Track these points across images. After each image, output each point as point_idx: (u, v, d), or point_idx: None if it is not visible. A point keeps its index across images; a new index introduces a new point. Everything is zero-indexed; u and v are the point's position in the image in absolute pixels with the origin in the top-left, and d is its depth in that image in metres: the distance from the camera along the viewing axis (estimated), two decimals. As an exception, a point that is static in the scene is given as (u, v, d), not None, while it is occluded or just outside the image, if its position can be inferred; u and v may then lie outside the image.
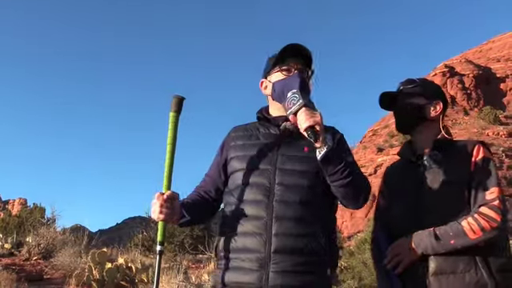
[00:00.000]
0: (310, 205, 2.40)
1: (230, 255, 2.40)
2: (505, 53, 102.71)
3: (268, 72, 2.57)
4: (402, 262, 2.55)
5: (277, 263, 2.32)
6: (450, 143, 2.69)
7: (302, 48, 2.47)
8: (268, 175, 2.42)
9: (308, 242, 2.37)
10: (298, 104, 2.21)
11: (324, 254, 2.40)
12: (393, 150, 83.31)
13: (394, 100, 2.82)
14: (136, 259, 11.45)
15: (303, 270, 2.35)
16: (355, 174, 2.36)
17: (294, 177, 2.41)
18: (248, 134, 2.56)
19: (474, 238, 2.40)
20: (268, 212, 2.37)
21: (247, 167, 2.46)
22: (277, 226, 2.34)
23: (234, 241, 2.39)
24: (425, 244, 2.48)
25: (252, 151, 2.48)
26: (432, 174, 2.61)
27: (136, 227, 28.46)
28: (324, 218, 2.45)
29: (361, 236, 47.15)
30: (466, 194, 2.51)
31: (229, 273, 2.39)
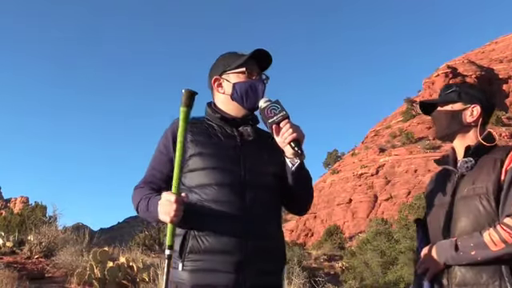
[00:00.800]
0: (276, 207, 2.53)
1: (199, 256, 2.32)
2: (507, 54, 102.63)
3: (225, 71, 2.56)
4: (429, 270, 2.54)
5: (254, 264, 2.34)
6: (486, 149, 2.58)
7: (267, 55, 2.53)
8: (238, 176, 2.40)
9: (277, 243, 2.50)
10: (281, 115, 2.31)
11: (285, 254, 2.55)
12: (395, 151, 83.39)
13: (435, 107, 2.78)
14: (137, 258, 11.46)
15: (275, 271, 2.46)
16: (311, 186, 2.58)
17: (263, 179, 2.47)
18: (206, 132, 2.49)
19: (495, 251, 2.32)
20: (243, 213, 2.35)
21: (213, 166, 2.40)
22: (253, 228, 2.36)
23: (204, 241, 2.32)
24: (446, 255, 2.45)
25: (216, 150, 2.44)
26: (464, 182, 2.55)
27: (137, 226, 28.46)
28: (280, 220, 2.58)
29: (362, 236, 46.79)
30: (493, 203, 2.42)
31: (199, 274, 2.31)
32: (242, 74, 2.53)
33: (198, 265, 2.31)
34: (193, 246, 2.33)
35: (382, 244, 35.95)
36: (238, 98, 2.51)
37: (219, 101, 2.60)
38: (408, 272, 30.81)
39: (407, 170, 77.96)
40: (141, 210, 2.44)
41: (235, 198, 2.37)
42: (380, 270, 33.93)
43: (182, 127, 2.30)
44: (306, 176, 2.49)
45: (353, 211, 77.90)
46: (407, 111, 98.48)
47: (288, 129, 2.28)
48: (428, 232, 2.69)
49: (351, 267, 37.58)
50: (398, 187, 75.85)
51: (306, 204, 2.61)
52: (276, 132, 2.32)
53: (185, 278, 2.32)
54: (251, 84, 2.51)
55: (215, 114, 2.54)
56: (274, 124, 2.31)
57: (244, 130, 2.51)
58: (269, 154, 2.50)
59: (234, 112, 2.55)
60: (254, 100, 2.49)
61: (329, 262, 45.71)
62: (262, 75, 2.57)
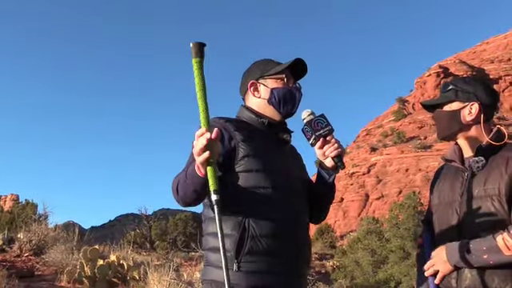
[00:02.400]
0: (308, 213, 2.62)
1: (256, 258, 2.32)
2: (498, 54, 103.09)
3: (262, 76, 2.60)
4: (439, 272, 2.49)
5: (300, 268, 2.46)
6: (497, 148, 2.50)
7: (304, 65, 2.59)
8: (287, 180, 2.48)
9: (310, 249, 2.60)
10: (328, 129, 2.43)
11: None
12: (386, 150, 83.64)
13: (436, 106, 2.74)
14: (128, 256, 11.44)
15: (307, 275, 2.61)
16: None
17: (302, 185, 2.58)
18: (254, 134, 2.50)
19: (508, 255, 2.27)
20: (294, 217, 2.45)
21: (268, 169, 2.43)
22: (300, 232, 2.47)
23: (262, 243, 2.33)
24: (457, 257, 2.40)
25: (267, 153, 2.48)
26: (474, 182, 2.48)
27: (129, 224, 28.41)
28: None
29: (353, 235, 46.87)
30: (506, 205, 2.36)
31: (255, 276, 2.31)
32: (280, 80, 2.58)
33: (254, 266, 2.32)
34: (252, 247, 2.32)
35: (372, 243, 36.03)
36: (276, 103, 2.56)
37: (254, 105, 2.62)
38: (398, 271, 30.92)
39: (398, 169, 78.19)
40: (180, 187, 2.35)
41: (286, 201, 2.42)
42: (371, 268, 34.02)
43: (199, 77, 2.20)
44: (335, 189, 2.64)
45: (344, 210, 78.07)
46: (399, 111, 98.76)
47: (334, 143, 2.43)
48: (433, 232, 2.66)
49: (342, 266, 37.65)
50: (390, 186, 76.08)
51: (325, 215, 2.76)
52: (321, 145, 2.43)
53: (239, 279, 2.30)
54: (290, 90, 2.58)
55: (260, 119, 2.56)
56: (320, 137, 2.42)
57: (285, 137, 2.59)
58: (300, 162, 2.71)
59: (272, 115, 2.59)
60: (291, 106, 2.57)
61: (320, 260, 45.78)
62: (297, 83, 2.64)
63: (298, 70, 2.62)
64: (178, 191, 2.38)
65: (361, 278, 32.54)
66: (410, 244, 32.35)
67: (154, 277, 8.94)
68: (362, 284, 27.83)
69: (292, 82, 2.61)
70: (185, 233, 39.85)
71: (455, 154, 2.67)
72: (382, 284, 29.39)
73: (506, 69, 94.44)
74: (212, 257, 2.41)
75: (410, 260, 30.72)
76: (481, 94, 2.60)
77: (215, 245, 2.33)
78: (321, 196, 2.62)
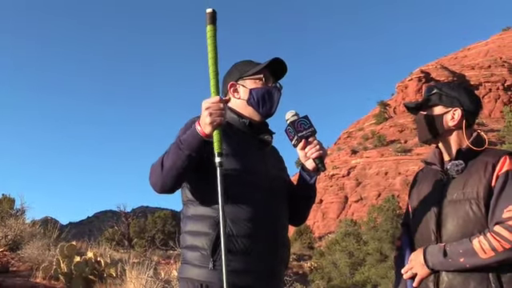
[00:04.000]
0: (288, 215, 2.61)
1: (232, 257, 2.28)
2: (479, 61, 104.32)
3: (241, 77, 2.60)
4: (417, 275, 2.50)
5: (278, 269, 2.47)
6: (476, 153, 2.52)
7: (283, 64, 2.59)
8: (268, 181, 2.47)
9: (288, 253, 2.58)
10: (310, 130, 2.42)
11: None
12: (366, 153, 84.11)
13: (419, 109, 2.72)
14: (105, 253, 11.39)
15: (284, 279, 2.60)
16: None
17: (282, 186, 2.58)
18: (234, 134, 2.49)
19: (484, 258, 2.28)
20: (273, 218, 2.44)
21: (247, 169, 2.43)
22: (279, 233, 2.46)
23: (239, 243, 2.32)
24: (434, 260, 2.41)
25: (247, 153, 2.47)
26: (453, 185, 2.50)
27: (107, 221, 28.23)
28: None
29: (332, 237, 46.97)
30: (483, 209, 2.37)
31: (231, 275, 2.24)
32: (259, 80, 2.57)
33: (231, 265, 2.25)
34: (228, 246, 2.27)
35: (350, 245, 36.23)
36: (255, 103, 2.55)
37: (234, 106, 2.61)
38: (375, 273, 31.11)
39: (378, 172, 78.72)
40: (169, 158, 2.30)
41: (265, 201, 2.41)
42: (348, 270, 34.20)
43: (213, 44, 2.29)
44: (315, 190, 2.63)
45: (323, 211, 78.38)
46: (380, 114, 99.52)
47: (316, 145, 2.40)
48: (412, 234, 2.66)
49: (320, 267, 37.81)
50: (369, 189, 76.57)
51: (306, 217, 2.74)
52: (303, 146, 2.42)
53: (214, 278, 2.30)
54: (268, 90, 2.56)
55: (241, 119, 2.55)
56: (303, 138, 2.41)
57: (266, 138, 2.58)
58: (281, 163, 2.69)
59: (251, 116, 2.58)
60: (270, 106, 2.56)
61: (298, 261, 45.86)
62: (277, 83, 2.62)
63: (278, 69, 2.61)
64: (164, 164, 2.30)
65: (338, 280, 32.70)
66: (388, 247, 32.58)
67: (131, 275, 8.88)
68: (339, 285, 27.99)
69: (271, 82, 2.59)
70: (163, 231, 39.70)
71: (435, 158, 2.68)
72: (359, 286, 29.55)
73: (486, 75, 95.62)
74: (189, 255, 2.40)
75: (387, 262, 30.95)
76: (464, 100, 2.61)
77: (192, 243, 2.36)
78: (301, 197, 2.61)
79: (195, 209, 2.43)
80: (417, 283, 2.50)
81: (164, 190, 2.37)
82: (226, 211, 2.27)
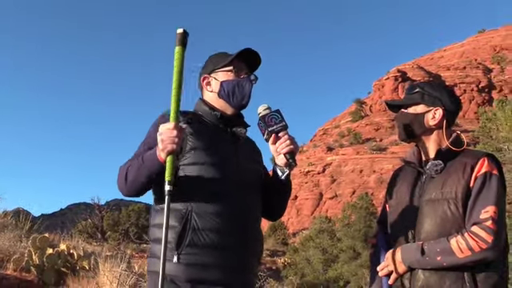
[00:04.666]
0: (260, 209, 2.59)
1: (198, 251, 2.30)
2: (454, 62, 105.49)
3: (214, 69, 2.60)
4: (393, 273, 2.52)
5: (247, 263, 2.42)
6: (455, 153, 2.55)
7: (255, 54, 2.58)
8: (236, 174, 2.44)
9: (262, 244, 2.57)
10: (281, 125, 2.39)
11: (261, 259, 2.62)
12: (342, 150, 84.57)
13: (400, 107, 2.73)
14: (79, 246, 11.30)
15: (257, 269, 2.56)
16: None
17: (254, 180, 2.55)
18: (204, 127, 2.49)
19: (461, 258, 2.33)
20: (241, 211, 2.40)
21: (214, 162, 2.41)
22: (249, 227, 2.43)
23: (204, 236, 2.30)
24: (411, 258, 2.44)
25: (216, 146, 2.45)
26: (432, 185, 2.52)
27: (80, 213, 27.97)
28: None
29: (306, 233, 47.05)
30: (461, 209, 2.41)
31: (195, 269, 2.29)
32: (230, 72, 2.57)
33: (195, 259, 2.29)
34: (192, 240, 2.30)
35: (324, 242, 36.44)
36: (225, 96, 2.55)
37: (208, 99, 2.61)
38: (348, 270, 31.34)
39: (353, 169, 79.20)
40: (131, 172, 2.35)
41: (233, 195, 2.39)
42: (321, 267, 34.40)
43: (179, 67, 2.27)
44: (290, 185, 2.60)
45: (298, 208, 78.66)
46: (356, 112, 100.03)
47: (286, 140, 2.37)
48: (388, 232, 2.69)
49: (293, 263, 37.96)
50: (344, 186, 77.01)
51: (282, 211, 2.73)
52: (273, 140, 2.40)
53: (179, 271, 2.29)
54: (238, 82, 2.55)
55: (213, 112, 2.55)
56: (273, 133, 2.39)
57: (239, 131, 2.56)
58: (256, 156, 2.66)
59: (223, 109, 2.57)
60: (241, 98, 2.54)
61: (271, 257, 46.00)
62: (250, 74, 2.60)
63: (252, 61, 2.60)
64: (128, 177, 2.36)
65: (311, 276, 32.87)
66: (361, 244, 32.82)
67: (104, 267, 8.83)
68: (312, 282, 28.14)
69: (244, 74, 2.58)
70: (137, 224, 39.45)
71: (414, 157, 2.71)
72: (332, 282, 29.76)
73: (461, 76, 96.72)
74: (155, 248, 2.39)
75: (359, 260, 31.19)
76: (446, 100, 2.63)
77: (159, 236, 2.32)
78: (276, 192, 2.59)
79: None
80: (392, 281, 2.53)
81: (130, 196, 2.45)
82: (193, 205, 2.30)
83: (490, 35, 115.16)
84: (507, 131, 14.95)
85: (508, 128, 14.87)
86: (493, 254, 2.33)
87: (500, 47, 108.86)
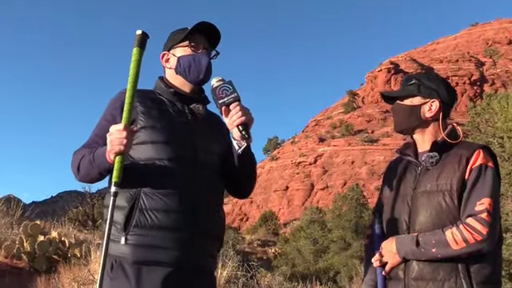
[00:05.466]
0: (221, 188, 2.51)
1: (145, 231, 2.24)
2: (447, 54, 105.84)
3: (173, 45, 2.54)
4: (388, 264, 2.52)
5: (198, 244, 2.32)
6: (451, 145, 2.54)
7: (213, 28, 2.50)
8: (189, 153, 2.37)
9: (220, 224, 2.48)
10: (232, 97, 2.28)
11: (223, 239, 2.53)
12: (334, 141, 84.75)
13: (395, 98, 2.70)
14: (70, 233, 11.27)
15: (214, 252, 2.46)
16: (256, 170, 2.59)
17: (211, 158, 2.45)
18: (158, 105, 2.43)
19: (456, 249, 2.32)
20: (192, 191, 2.31)
21: (165, 140, 2.34)
22: (201, 206, 2.33)
23: (151, 216, 2.24)
24: (406, 249, 2.43)
25: (167, 124, 2.38)
26: (427, 177, 2.51)
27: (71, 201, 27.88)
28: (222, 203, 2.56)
29: (297, 224, 47.22)
30: (456, 201, 2.40)
31: (143, 249, 2.23)
32: (187, 47, 2.49)
33: (143, 240, 2.23)
34: (139, 220, 2.24)
35: (315, 232, 36.62)
36: (182, 72, 2.48)
37: (168, 76, 2.55)
38: (338, 261, 31.53)
39: (345, 161, 79.47)
40: (83, 167, 2.32)
41: (185, 174, 2.32)
42: (312, 257, 34.59)
43: (135, 69, 2.23)
44: (251, 160, 2.50)
45: (289, 198, 78.90)
46: (349, 103, 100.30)
47: (237, 112, 2.27)
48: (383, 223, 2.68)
49: (284, 253, 38.13)
50: (335, 177, 77.28)
51: (249, 188, 2.62)
52: (225, 113, 2.30)
53: (126, 253, 2.23)
54: (194, 57, 2.47)
55: (168, 89, 2.49)
56: (223, 105, 2.29)
57: (195, 108, 2.48)
58: (217, 133, 2.51)
59: (180, 86, 2.51)
60: (197, 73, 2.47)
61: (262, 247, 46.18)
62: (209, 50, 2.53)
63: (213, 36, 2.52)
64: (80, 169, 2.33)
65: (301, 266, 33.03)
66: (351, 235, 33.02)
67: (95, 255, 8.82)
68: (303, 272, 28.28)
69: (201, 48, 2.50)
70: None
71: (409, 149, 2.70)
72: (322, 273, 29.92)
73: (453, 69, 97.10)
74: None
75: (350, 251, 31.39)
76: (442, 92, 2.62)
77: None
78: (238, 168, 2.46)
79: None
80: (387, 271, 2.53)
81: (85, 183, 2.42)
82: (143, 185, 2.25)
83: (483, 28, 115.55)
84: (502, 122, 15.05)
85: (503, 119, 14.97)
86: (488, 246, 2.34)
87: (493, 40, 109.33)
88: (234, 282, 9.02)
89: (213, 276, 2.49)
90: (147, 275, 2.21)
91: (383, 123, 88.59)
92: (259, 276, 10.77)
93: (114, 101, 2.45)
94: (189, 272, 2.29)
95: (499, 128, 15.27)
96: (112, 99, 2.47)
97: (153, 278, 2.21)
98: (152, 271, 2.22)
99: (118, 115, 2.37)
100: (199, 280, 2.34)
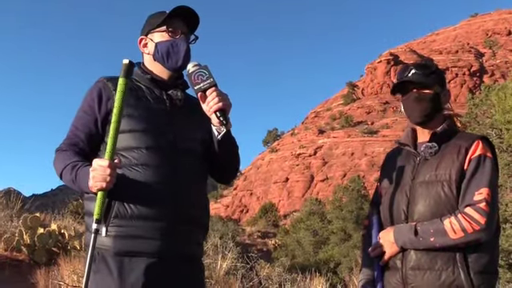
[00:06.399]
0: (203, 174, 2.47)
1: (125, 222, 2.21)
2: (447, 46, 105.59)
3: (150, 30, 2.47)
4: (385, 253, 2.52)
5: (180, 232, 2.28)
6: (450, 136, 2.55)
7: (191, 12, 2.43)
8: (168, 140, 2.32)
9: (203, 211, 2.44)
10: (208, 82, 2.24)
11: (208, 224, 2.50)
12: (334, 133, 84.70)
13: (405, 86, 2.63)
14: (70, 226, 11.26)
15: (199, 240, 2.42)
16: (238, 154, 2.54)
17: (191, 144, 2.40)
18: (135, 93, 2.36)
19: (454, 238, 2.33)
20: (172, 179, 2.27)
21: (142, 129, 2.29)
22: (182, 194, 2.29)
23: (131, 206, 2.21)
24: (404, 239, 2.44)
25: (145, 112, 2.33)
26: (426, 167, 2.52)
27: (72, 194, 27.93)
28: (206, 188, 2.52)
29: (297, 215, 47.21)
30: (455, 191, 2.41)
31: (124, 241, 2.20)
32: (164, 32, 2.42)
33: (123, 231, 2.20)
34: (118, 210, 2.21)
35: (315, 224, 36.67)
36: (160, 58, 2.42)
37: (146, 62, 2.49)
38: (339, 252, 31.58)
39: (344, 152, 79.44)
40: (65, 179, 2.28)
41: (164, 162, 2.28)
42: (312, 248, 34.65)
43: (120, 100, 2.17)
44: (233, 145, 2.45)
45: (289, 190, 78.91)
46: (348, 95, 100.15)
47: (214, 97, 2.23)
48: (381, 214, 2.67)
49: (284, 245, 38.21)
50: (335, 169, 77.26)
51: (232, 173, 2.59)
52: (202, 99, 2.27)
53: (108, 244, 2.20)
54: (172, 43, 2.41)
55: (145, 75, 2.43)
56: (200, 91, 2.25)
57: (173, 94, 2.42)
58: (198, 119, 2.41)
59: (158, 73, 2.45)
60: (175, 59, 2.41)
61: (262, 238, 46.28)
62: (188, 34, 2.47)
63: (191, 20, 2.46)
64: (62, 178, 2.30)
65: (301, 258, 33.09)
66: (352, 226, 33.06)
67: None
68: (303, 263, 28.33)
69: (180, 33, 2.43)
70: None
71: (408, 139, 2.69)
72: (322, 264, 29.97)
73: (453, 60, 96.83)
74: (87, 221, 2.30)
75: (350, 242, 31.42)
76: (445, 82, 2.67)
77: (88, 208, 2.28)
78: (219, 154, 2.41)
79: None
80: (384, 261, 2.54)
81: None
82: (122, 175, 2.20)
83: (483, 19, 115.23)
84: (500, 114, 15.04)
85: (501, 111, 14.95)
86: (486, 236, 2.34)
87: (492, 31, 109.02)
88: (234, 273, 9.05)
89: (200, 263, 2.46)
90: (130, 267, 2.19)
91: (383, 115, 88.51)
92: (258, 267, 10.80)
93: (92, 91, 2.40)
94: (173, 261, 2.26)
95: (497, 120, 15.25)
96: (89, 89, 2.42)
97: (136, 270, 2.19)
98: (134, 262, 2.20)
99: (95, 105, 2.35)
100: (185, 268, 2.31)
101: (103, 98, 2.35)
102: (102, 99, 2.34)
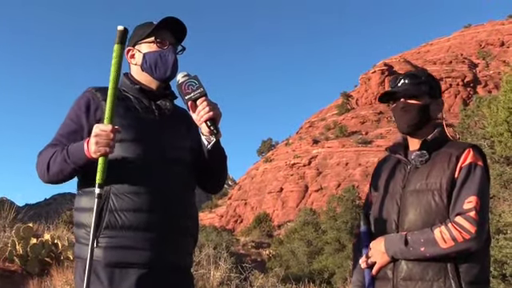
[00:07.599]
0: (192, 184, 2.47)
1: (116, 233, 2.20)
2: (441, 56, 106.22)
3: (137, 41, 2.48)
4: (376, 263, 2.51)
5: (171, 242, 2.28)
6: (441, 144, 2.55)
7: (179, 23, 2.46)
8: (157, 150, 2.32)
9: (193, 221, 2.44)
10: (199, 92, 2.26)
11: (197, 236, 2.51)
12: (328, 143, 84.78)
13: (394, 96, 2.62)
14: (63, 236, 11.20)
15: (189, 250, 2.43)
16: (227, 164, 2.56)
17: (181, 154, 2.41)
18: (123, 103, 2.36)
19: (444, 248, 2.31)
20: (162, 189, 2.28)
21: (132, 139, 2.29)
22: (172, 204, 2.29)
23: (121, 217, 2.21)
24: (395, 248, 2.42)
25: (134, 122, 2.33)
26: (417, 175, 2.50)
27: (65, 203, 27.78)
28: (195, 198, 2.53)
29: (291, 225, 47.19)
30: (446, 200, 2.40)
31: (115, 251, 2.19)
32: (152, 43, 2.44)
33: (114, 241, 2.19)
34: (109, 221, 2.19)
35: (309, 234, 36.65)
36: (148, 69, 2.43)
37: (133, 72, 2.50)
38: (333, 262, 31.54)
39: (339, 162, 79.50)
40: (56, 163, 2.25)
41: (154, 172, 2.28)
42: (306, 259, 34.60)
43: (117, 65, 2.20)
44: (222, 155, 2.46)
45: (283, 200, 78.86)
46: (343, 105, 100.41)
47: (204, 107, 2.24)
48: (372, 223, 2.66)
49: (278, 255, 38.13)
50: (329, 179, 77.29)
51: (220, 182, 2.60)
52: (192, 109, 2.28)
53: (99, 256, 2.18)
54: (160, 53, 2.43)
55: (134, 86, 2.43)
56: (190, 101, 2.27)
57: (162, 104, 2.44)
58: (186, 129, 2.46)
59: (147, 83, 2.45)
60: (164, 70, 2.42)
61: (256, 249, 46.14)
62: (176, 45, 2.49)
63: (178, 30, 2.48)
64: (50, 167, 2.27)
65: (296, 268, 33.01)
66: (346, 237, 33.04)
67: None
68: (297, 274, 28.26)
69: (168, 44, 2.45)
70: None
71: (399, 147, 2.69)
72: (316, 274, 29.92)
73: (447, 71, 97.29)
74: (78, 233, 2.29)
75: (344, 252, 31.39)
76: (440, 92, 2.65)
77: (78, 219, 2.28)
78: (208, 163, 2.42)
79: (84, 184, 2.33)
80: (375, 271, 2.52)
81: (53, 184, 2.37)
82: (112, 185, 2.20)
83: (476, 30, 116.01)
84: (492, 126, 15.13)
85: (493, 123, 15.04)
86: (476, 245, 2.33)
87: (486, 42, 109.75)
88: (227, 283, 9.02)
89: (190, 274, 2.46)
90: (120, 278, 2.18)
91: (377, 125, 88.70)
92: (252, 278, 10.77)
93: (79, 100, 2.40)
94: (164, 271, 2.26)
95: (490, 132, 15.35)
96: (77, 98, 2.42)
97: (127, 281, 2.18)
98: (125, 273, 2.19)
99: (82, 115, 2.35)
100: (176, 278, 2.31)
101: (91, 107, 2.35)
102: (89, 109, 2.34)
